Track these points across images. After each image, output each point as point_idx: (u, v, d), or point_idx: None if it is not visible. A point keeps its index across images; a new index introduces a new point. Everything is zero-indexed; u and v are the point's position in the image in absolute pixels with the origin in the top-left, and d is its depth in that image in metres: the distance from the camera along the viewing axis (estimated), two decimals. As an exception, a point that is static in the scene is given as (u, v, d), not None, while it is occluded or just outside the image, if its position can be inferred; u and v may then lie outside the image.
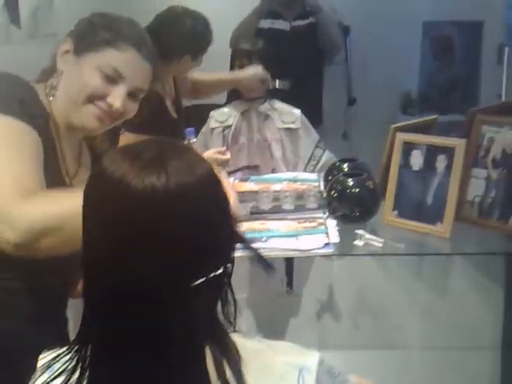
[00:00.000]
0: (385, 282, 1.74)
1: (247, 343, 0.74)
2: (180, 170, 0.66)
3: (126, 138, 1.63)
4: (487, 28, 2.20)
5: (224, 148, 1.84)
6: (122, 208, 0.65)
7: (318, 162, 2.04)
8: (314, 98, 2.51)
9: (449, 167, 1.46)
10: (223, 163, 1.68)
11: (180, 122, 1.93)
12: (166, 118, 1.85)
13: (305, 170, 2.01)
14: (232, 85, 2.06)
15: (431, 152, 1.49)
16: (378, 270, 1.72)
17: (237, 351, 0.72)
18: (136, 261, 0.65)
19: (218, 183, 0.70)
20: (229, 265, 0.70)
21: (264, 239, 1.49)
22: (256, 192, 1.72)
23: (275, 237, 1.50)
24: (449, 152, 1.46)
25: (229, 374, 0.69)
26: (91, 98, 1.03)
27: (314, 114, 2.28)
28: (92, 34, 1.03)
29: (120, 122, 1.11)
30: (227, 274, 0.70)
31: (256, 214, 1.63)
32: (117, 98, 1.03)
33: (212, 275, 0.67)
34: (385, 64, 2.53)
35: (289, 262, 1.74)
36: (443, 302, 1.73)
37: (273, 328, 1.74)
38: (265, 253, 1.34)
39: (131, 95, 1.07)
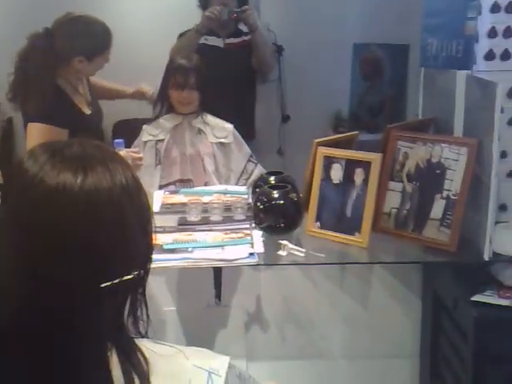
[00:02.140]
0: (310, 291, 1.76)
1: (157, 348, 0.74)
2: (99, 173, 0.65)
3: (34, 128, 1.86)
4: (412, 51, 2.30)
5: (138, 148, 1.95)
6: (33, 202, 0.64)
7: (250, 175, 2.07)
8: (246, 114, 2.55)
9: (366, 180, 1.51)
10: (136, 160, 1.78)
11: (95, 119, 2.05)
12: (73, 112, 1.95)
13: (237, 184, 2.04)
14: (120, 96, 2.26)
15: (350, 166, 1.55)
16: (303, 280, 1.76)
17: (144, 356, 0.72)
18: (43, 258, 0.64)
19: (139, 193, 0.70)
20: (141, 271, 0.70)
21: (190, 250, 1.51)
22: (185, 204, 1.73)
23: (201, 247, 1.52)
24: (366, 166, 1.53)
25: (137, 379, 0.69)
26: None
27: (246, 129, 2.32)
28: None
29: None
30: (139, 281, 0.70)
31: (184, 225, 1.65)
32: None
33: (120, 280, 0.67)
34: (318, 83, 2.61)
35: (217, 273, 1.73)
36: (365, 311, 1.78)
37: (201, 340, 1.73)
38: (191, 263, 1.44)
39: None
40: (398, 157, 1.56)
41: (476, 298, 1.43)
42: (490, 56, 1.50)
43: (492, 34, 1.46)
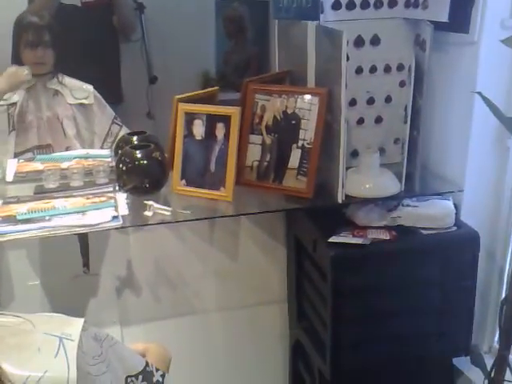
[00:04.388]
0: (180, 250, 1.75)
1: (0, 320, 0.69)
2: None
3: None
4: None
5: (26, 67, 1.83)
6: None
7: (116, 138, 1.97)
8: (111, 76, 2.44)
9: (227, 135, 1.51)
10: (23, 77, 1.77)
11: None
12: None
13: (102, 148, 1.95)
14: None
15: (211, 121, 1.54)
16: (172, 239, 1.74)
17: None
18: None
19: None
20: None
21: (47, 218, 1.43)
22: (41, 171, 1.63)
23: (60, 215, 1.44)
24: (226, 120, 1.52)
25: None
26: None
27: (113, 93, 2.22)
28: None
29: None
30: None
31: (41, 193, 1.56)
32: None
33: None
34: (183, 43, 2.54)
35: (83, 241, 1.66)
36: (234, 263, 1.81)
37: (71, 311, 1.65)
38: (49, 232, 1.36)
39: None
40: (256, 110, 1.57)
41: (332, 239, 1.49)
42: (336, 5, 1.55)
43: (337, -16, 1.48)
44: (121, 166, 1.52)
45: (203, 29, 2.49)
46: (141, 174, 1.51)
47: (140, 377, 0.79)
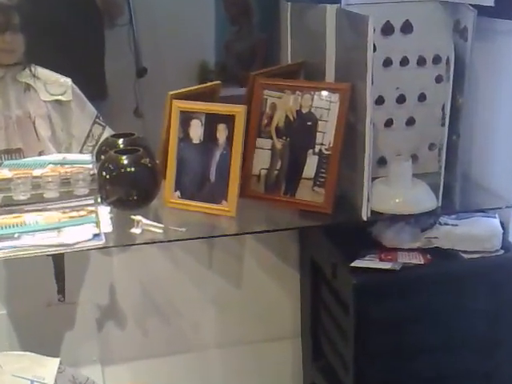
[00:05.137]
0: (172, 274, 1.76)
1: None
2: None
3: None
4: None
5: None
6: None
7: (98, 141, 1.99)
8: (94, 67, 2.42)
9: (230, 138, 1.51)
10: None
11: None
12: None
13: (81, 152, 1.97)
14: None
15: (211, 121, 1.54)
16: (164, 262, 1.75)
17: None
18: None
19: None
20: None
21: (16, 236, 1.43)
22: (9, 179, 1.63)
23: (31, 232, 1.45)
24: (229, 121, 1.52)
25: None
26: None
27: (95, 87, 2.22)
28: None
29: None
30: None
31: (10, 206, 1.57)
32: None
33: None
34: (177, 29, 2.52)
35: (58, 264, 1.67)
36: (237, 291, 1.81)
37: (43, 346, 1.64)
38: (17, 252, 1.36)
39: None
40: (265, 109, 1.58)
41: (355, 263, 1.48)
42: (360, -14, 1.56)
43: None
44: (104, 174, 1.53)
45: (201, 12, 2.49)
46: (127, 184, 1.52)
47: None
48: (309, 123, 1.52)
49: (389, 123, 1.66)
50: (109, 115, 2.06)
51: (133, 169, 1.51)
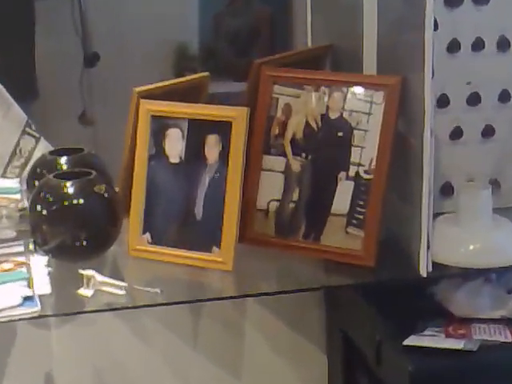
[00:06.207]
0: (141, 357, 1.70)
1: None
2: None
3: None
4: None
5: None
6: None
7: (29, 159, 1.93)
8: (19, 55, 2.42)
9: (225, 156, 1.48)
10: None
11: None
12: None
13: (4, 176, 1.92)
14: None
15: (196, 131, 1.51)
16: (128, 338, 1.69)
17: None
18: None
19: None
20: None
21: None
22: None
23: None
24: (224, 130, 1.48)
25: None
26: None
27: (22, 82, 2.23)
28: None
29: None
30: None
31: None
32: None
33: None
34: (143, 2, 2.53)
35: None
36: (234, 379, 1.75)
37: None
38: None
39: None
40: (276, 112, 1.55)
41: (411, 341, 1.45)
42: None
43: None
44: (39, 208, 1.50)
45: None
46: (73, 223, 1.49)
47: None
48: (340, 134, 1.50)
49: (457, 134, 1.63)
50: (44, 122, 2.05)
51: (81, 200, 1.48)
